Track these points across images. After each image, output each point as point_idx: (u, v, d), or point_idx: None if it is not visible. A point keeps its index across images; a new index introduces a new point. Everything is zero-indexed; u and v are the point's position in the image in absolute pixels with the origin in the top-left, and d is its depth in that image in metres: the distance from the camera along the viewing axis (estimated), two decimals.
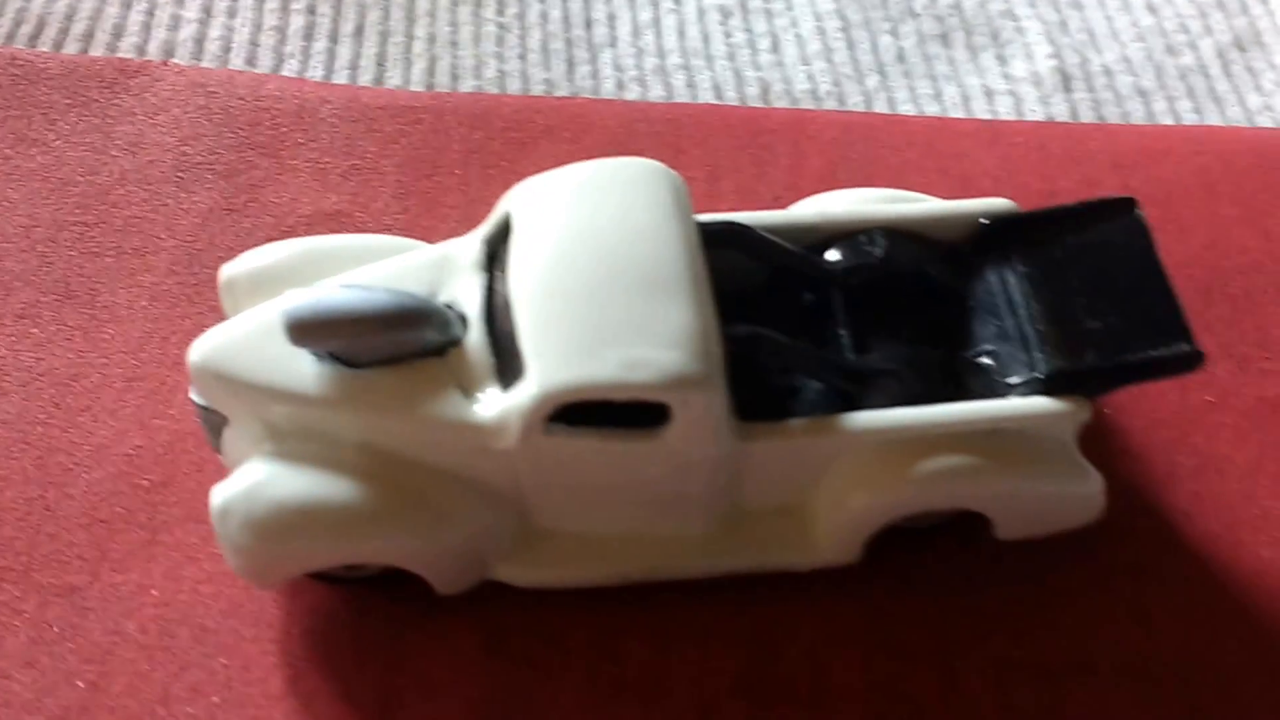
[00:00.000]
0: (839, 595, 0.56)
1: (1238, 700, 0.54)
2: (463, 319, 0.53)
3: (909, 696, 0.54)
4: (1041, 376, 0.53)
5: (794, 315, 0.56)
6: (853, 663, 0.55)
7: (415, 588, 0.54)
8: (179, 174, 0.70)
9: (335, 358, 0.52)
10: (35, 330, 0.64)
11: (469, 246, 0.55)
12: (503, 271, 0.53)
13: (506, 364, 0.51)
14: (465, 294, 0.54)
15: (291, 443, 0.52)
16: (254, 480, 0.51)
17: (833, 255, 0.57)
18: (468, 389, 0.52)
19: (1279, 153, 0.71)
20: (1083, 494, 0.55)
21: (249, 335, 0.53)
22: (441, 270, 0.55)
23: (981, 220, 0.58)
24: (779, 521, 0.55)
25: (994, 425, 0.53)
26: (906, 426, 0.52)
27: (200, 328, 0.57)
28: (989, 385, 0.54)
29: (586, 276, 0.51)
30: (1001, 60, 0.79)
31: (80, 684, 0.54)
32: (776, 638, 0.55)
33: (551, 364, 0.50)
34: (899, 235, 0.58)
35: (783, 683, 0.54)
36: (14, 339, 0.63)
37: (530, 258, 0.52)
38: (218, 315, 0.58)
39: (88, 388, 0.62)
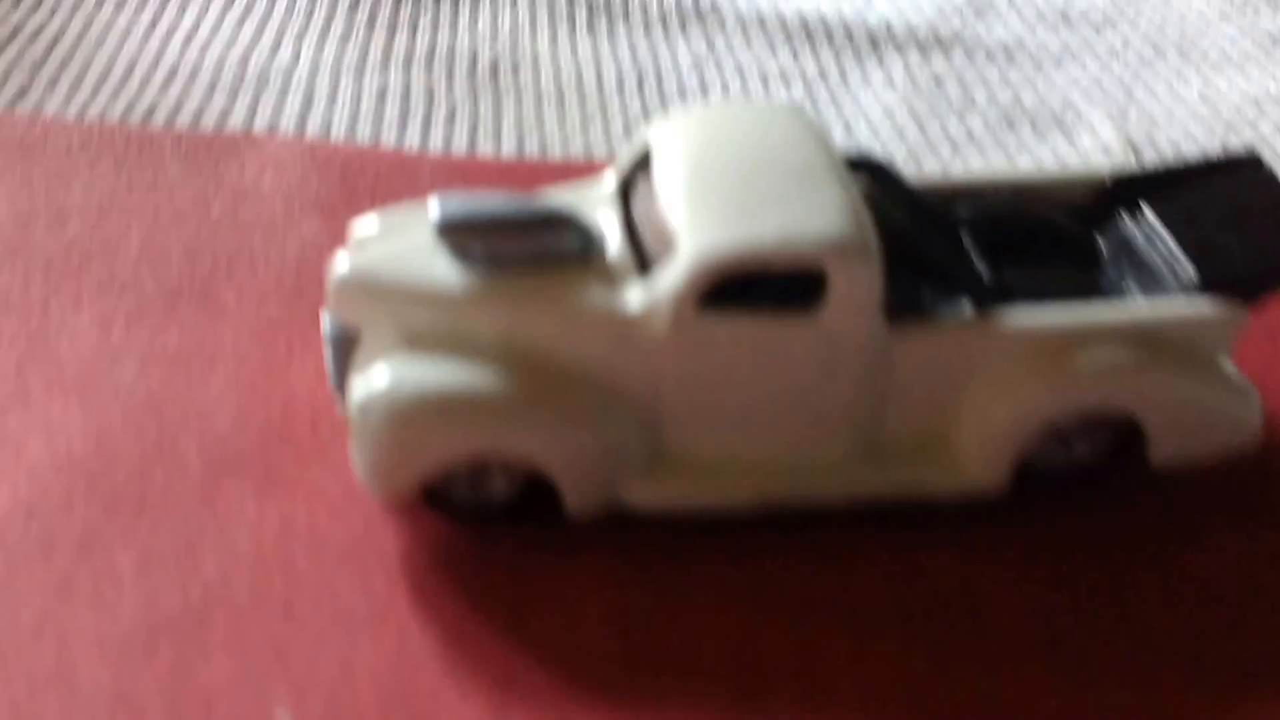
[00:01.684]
0: (987, 527, 0.54)
1: None
2: (603, 235, 0.53)
3: (1072, 617, 0.51)
4: (1192, 283, 0.53)
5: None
6: (1007, 585, 0.52)
7: (541, 526, 0.53)
8: (284, 211, 0.72)
9: (479, 260, 0.52)
10: (150, 321, 0.64)
11: (604, 180, 0.57)
12: (646, 188, 0.54)
13: (650, 264, 0.52)
14: (604, 216, 0.54)
15: (430, 347, 0.52)
16: (396, 371, 0.50)
17: (964, 207, 0.58)
18: (612, 286, 0.52)
19: None
20: (1240, 407, 0.54)
21: (392, 248, 0.54)
22: (579, 200, 0.56)
23: (1107, 181, 0.59)
24: (921, 446, 0.54)
25: (1150, 326, 0.52)
26: (1062, 323, 0.52)
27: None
28: None
29: (735, 170, 0.52)
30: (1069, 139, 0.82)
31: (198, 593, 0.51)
32: (926, 564, 0.53)
33: (706, 236, 0.50)
34: (1027, 191, 0.59)
35: (937, 604, 0.52)
36: (128, 326, 0.63)
37: (675, 163, 0.53)
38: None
39: (200, 364, 0.61)
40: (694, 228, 0.50)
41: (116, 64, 0.86)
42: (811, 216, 0.50)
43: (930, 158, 0.80)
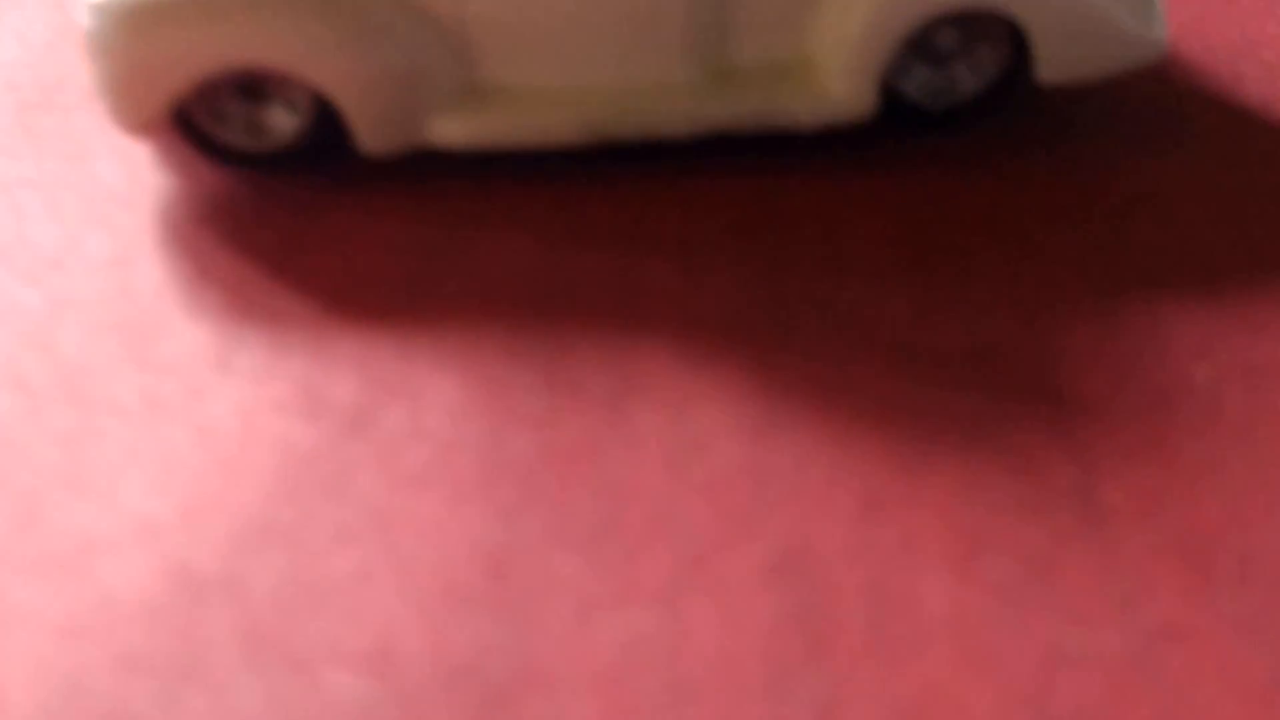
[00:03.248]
0: (847, 155, 0.46)
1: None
2: None
3: (932, 237, 0.42)
4: None
5: None
6: (861, 206, 0.44)
7: (332, 170, 0.45)
8: None
9: None
10: None
11: None
12: None
13: None
14: None
15: None
16: None
17: None
18: None
19: None
20: (1138, 15, 0.45)
21: None
22: None
23: None
24: (778, 71, 0.45)
25: None
26: None
27: None
28: None
29: None
30: None
31: None
32: (771, 189, 0.44)
33: None
34: None
35: (779, 225, 0.43)
36: None
37: None
38: None
39: None
40: None
41: None
42: None
43: None
